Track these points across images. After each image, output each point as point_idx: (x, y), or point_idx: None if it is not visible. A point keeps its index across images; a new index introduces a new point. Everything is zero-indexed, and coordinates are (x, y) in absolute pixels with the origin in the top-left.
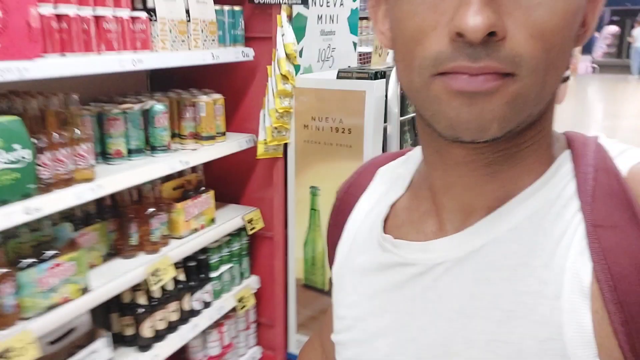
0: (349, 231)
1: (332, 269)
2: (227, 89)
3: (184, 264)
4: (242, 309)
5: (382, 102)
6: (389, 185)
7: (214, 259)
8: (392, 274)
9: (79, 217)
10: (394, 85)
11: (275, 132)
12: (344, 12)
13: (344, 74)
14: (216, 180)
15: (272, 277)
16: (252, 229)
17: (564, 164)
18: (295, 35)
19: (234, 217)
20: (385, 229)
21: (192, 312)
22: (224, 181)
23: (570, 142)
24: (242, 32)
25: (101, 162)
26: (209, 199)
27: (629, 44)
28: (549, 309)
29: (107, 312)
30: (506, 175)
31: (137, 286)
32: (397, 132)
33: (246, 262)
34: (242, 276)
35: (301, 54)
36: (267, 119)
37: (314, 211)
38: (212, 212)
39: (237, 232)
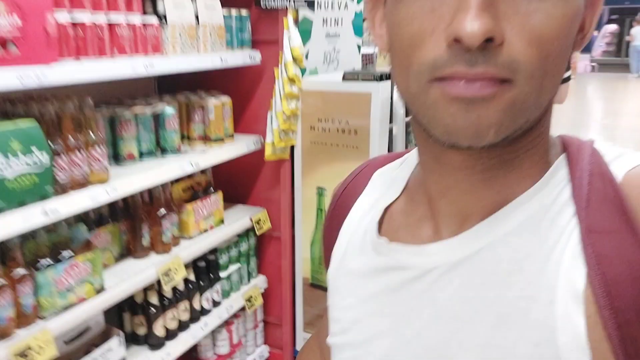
0: (344, 234)
1: (327, 271)
2: (234, 91)
3: (193, 264)
4: (250, 308)
5: (388, 103)
6: (385, 188)
7: (223, 259)
8: (388, 278)
9: (92, 218)
10: None
11: (282, 133)
12: (349, 15)
13: (350, 76)
14: (224, 181)
15: (280, 276)
16: (260, 229)
17: (559, 169)
18: (301, 38)
19: (242, 218)
20: (380, 232)
21: (202, 311)
22: (232, 182)
23: (565, 147)
24: (249, 36)
25: (113, 164)
26: (217, 200)
27: (627, 43)
28: (543, 314)
29: (119, 311)
30: (502, 180)
31: (148, 286)
32: (403, 132)
33: (254, 262)
34: (250, 276)
35: (307, 57)
36: (275, 121)
37: (321, 211)
38: (220, 213)
39: (245, 233)
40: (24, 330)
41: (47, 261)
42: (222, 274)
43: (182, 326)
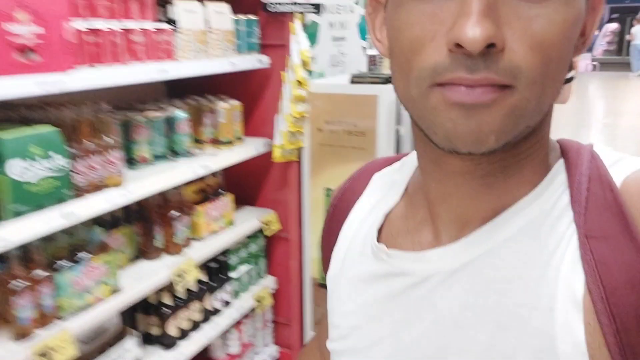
0: (343, 238)
1: (326, 275)
2: (242, 94)
3: (205, 265)
4: (260, 308)
5: (395, 105)
6: (384, 192)
7: (233, 260)
8: (387, 284)
9: (107, 221)
10: None
11: (290, 136)
12: (354, 18)
13: (357, 79)
14: (233, 183)
15: (288, 277)
16: (269, 230)
17: (558, 174)
18: (308, 41)
19: (251, 219)
20: (379, 238)
21: (214, 312)
22: (241, 184)
23: (564, 151)
24: (258, 40)
25: (127, 168)
26: (227, 202)
27: (628, 42)
28: (543, 322)
29: (133, 312)
30: (502, 186)
31: (161, 287)
32: (410, 134)
33: (263, 263)
34: (259, 276)
35: (314, 60)
36: (283, 123)
37: None
38: (230, 215)
39: (255, 234)
40: (44, 330)
41: (66, 263)
42: (232, 275)
43: (195, 326)
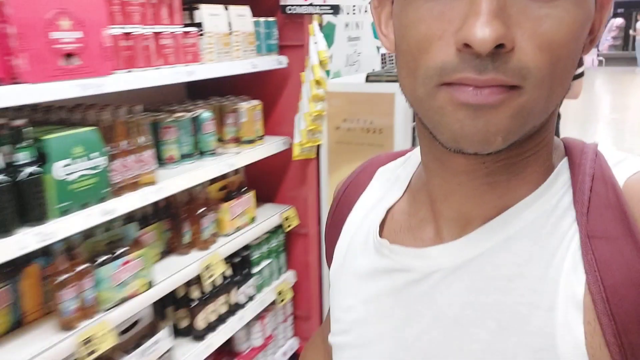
0: (346, 233)
1: (329, 269)
2: (261, 94)
3: (229, 260)
4: (281, 302)
5: None
6: (387, 187)
7: (255, 255)
8: (389, 280)
9: (139, 217)
10: None
11: (309, 134)
12: (368, 18)
13: (373, 78)
14: (253, 180)
15: (307, 271)
16: (289, 226)
17: (561, 173)
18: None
19: (272, 216)
20: (382, 233)
21: (238, 305)
22: (261, 181)
23: (568, 150)
24: (276, 42)
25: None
26: (250, 198)
27: (634, 36)
28: (543, 320)
29: (162, 305)
30: (505, 185)
31: (189, 281)
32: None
33: (283, 258)
34: (280, 271)
35: (331, 60)
36: (302, 122)
37: None
38: (253, 211)
39: (275, 230)
40: (87, 321)
41: (105, 257)
42: (254, 270)
43: (221, 319)
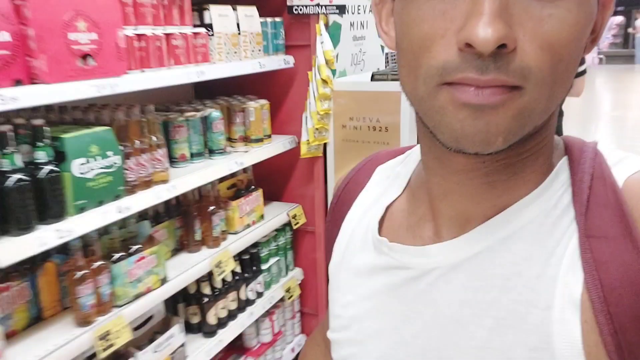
0: (345, 229)
1: (329, 266)
2: (268, 94)
3: (238, 257)
4: (289, 298)
5: None
6: (386, 184)
7: (264, 252)
8: (387, 277)
9: (151, 215)
10: None
11: (316, 132)
12: (373, 17)
13: (379, 77)
14: (261, 179)
15: (314, 269)
16: (296, 224)
17: (561, 172)
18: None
19: (279, 214)
20: (381, 231)
21: (248, 302)
22: (268, 180)
23: (568, 149)
24: (283, 41)
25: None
26: (258, 196)
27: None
28: (540, 319)
29: (174, 302)
30: (505, 184)
31: (200, 277)
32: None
33: (290, 255)
34: (287, 268)
35: (337, 59)
36: (309, 120)
37: None
38: (261, 209)
39: (282, 227)
40: (103, 317)
41: (120, 254)
42: (263, 267)
43: (231, 315)
